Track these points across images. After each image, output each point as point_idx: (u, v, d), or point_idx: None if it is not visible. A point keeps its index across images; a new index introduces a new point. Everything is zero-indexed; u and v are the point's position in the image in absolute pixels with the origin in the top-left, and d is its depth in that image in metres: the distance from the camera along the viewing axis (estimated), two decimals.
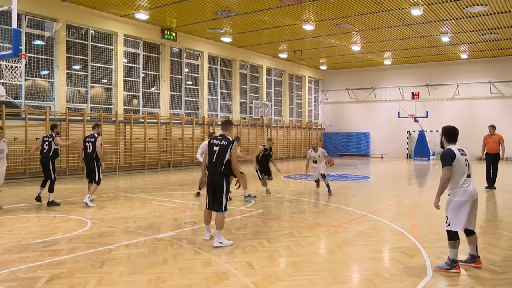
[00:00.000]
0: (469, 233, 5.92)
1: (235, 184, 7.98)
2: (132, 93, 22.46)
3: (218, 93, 27.83)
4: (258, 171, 13.20)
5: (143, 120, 22.02)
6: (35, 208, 10.89)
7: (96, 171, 11.27)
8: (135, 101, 22.73)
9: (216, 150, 7.13)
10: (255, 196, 12.28)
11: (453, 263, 5.77)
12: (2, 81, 16.39)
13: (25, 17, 17.59)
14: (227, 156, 7.07)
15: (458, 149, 5.89)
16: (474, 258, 5.99)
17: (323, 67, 36.90)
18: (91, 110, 20.32)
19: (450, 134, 6.06)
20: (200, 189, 12.43)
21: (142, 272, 5.73)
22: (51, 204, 10.99)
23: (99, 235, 7.81)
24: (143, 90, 22.95)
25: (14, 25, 6.83)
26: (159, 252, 6.72)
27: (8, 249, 6.86)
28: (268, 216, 9.75)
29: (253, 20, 21.80)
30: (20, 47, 13.81)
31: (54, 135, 11.61)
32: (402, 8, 19.47)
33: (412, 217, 10.05)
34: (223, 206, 7.07)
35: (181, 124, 24.20)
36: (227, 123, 7.57)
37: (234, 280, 5.44)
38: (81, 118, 19.41)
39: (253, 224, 8.84)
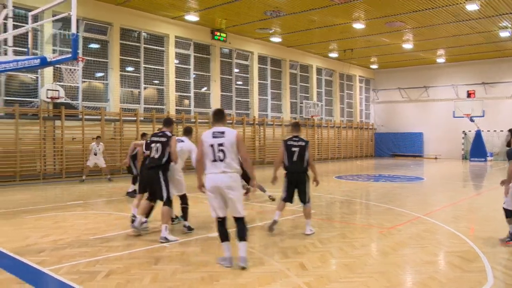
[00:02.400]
0: None
1: (313, 183, 8.13)
2: (183, 94, 22.89)
3: (269, 93, 27.91)
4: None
5: (194, 120, 22.38)
6: (92, 205, 11.32)
7: (164, 186, 7.76)
8: (186, 101, 23.14)
9: (295, 151, 7.93)
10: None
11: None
12: (61, 83, 17.21)
13: (82, 22, 18.29)
14: (307, 155, 7.92)
15: None
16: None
17: (374, 66, 36.26)
18: (144, 110, 20.87)
19: None
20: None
21: (195, 270, 5.81)
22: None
23: (154, 233, 7.99)
24: (194, 90, 23.34)
25: (74, 30, 7.10)
26: (212, 250, 6.81)
27: (70, 244, 7.18)
28: (319, 217, 9.67)
29: (303, 20, 21.70)
30: (78, 51, 14.37)
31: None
32: (457, 4, 18.81)
33: (468, 220, 9.69)
34: (307, 198, 7.96)
35: (232, 124, 24.41)
36: (298, 125, 8.40)
37: (287, 281, 5.43)
38: (135, 118, 19.98)
39: (305, 225, 8.78)
